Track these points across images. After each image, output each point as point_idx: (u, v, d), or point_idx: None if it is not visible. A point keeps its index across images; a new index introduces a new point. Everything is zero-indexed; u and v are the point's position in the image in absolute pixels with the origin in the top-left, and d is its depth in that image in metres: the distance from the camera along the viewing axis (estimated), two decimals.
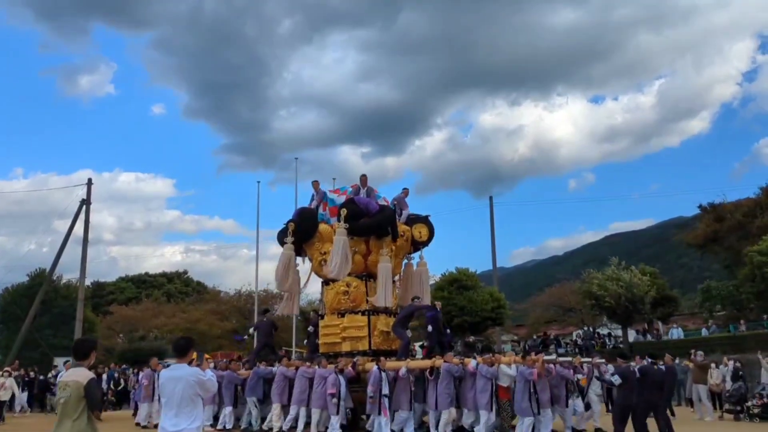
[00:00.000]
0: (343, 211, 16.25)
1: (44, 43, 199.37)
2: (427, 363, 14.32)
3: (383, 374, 14.08)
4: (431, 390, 13.91)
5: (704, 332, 37.58)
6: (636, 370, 12.39)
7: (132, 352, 37.27)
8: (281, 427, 15.11)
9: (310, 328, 18.10)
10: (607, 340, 40.05)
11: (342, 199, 17.40)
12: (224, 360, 20.74)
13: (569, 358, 15.66)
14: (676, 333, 37.18)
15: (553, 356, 15.08)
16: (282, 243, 17.52)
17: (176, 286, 60.39)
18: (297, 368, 15.39)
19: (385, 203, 17.44)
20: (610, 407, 15.63)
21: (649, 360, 13.64)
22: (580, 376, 15.15)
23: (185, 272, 66.06)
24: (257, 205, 36.23)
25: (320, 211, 17.72)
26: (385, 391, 13.98)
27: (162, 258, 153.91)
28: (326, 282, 17.12)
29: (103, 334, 41.95)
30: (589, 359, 16.44)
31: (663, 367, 13.72)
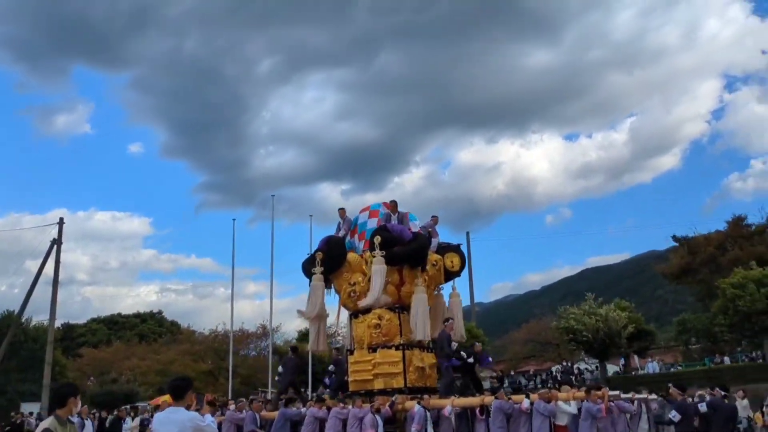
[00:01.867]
0: (377, 239, 15.01)
1: (21, 83, 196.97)
2: (476, 401, 13.22)
3: (428, 413, 12.85)
4: (481, 429, 12.78)
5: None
6: (705, 404, 11.31)
7: (103, 395, 35.82)
8: None
9: (332, 367, 16.79)
10: (586, 375, 39.87)
11: (374, 221, 16.28)
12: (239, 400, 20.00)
13: (618, 392, 14.05)
14: (651, 367, 37.19)
15: (617, 392, 13.74)
16: (308, 274, 16.20)
17: (149, 327, 58.37)
18: (329, 408, 14.02)
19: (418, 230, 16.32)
20: None
21: (722, 392, 12.52)
22: None
23: (159, 312, 64.32)
24: (233, 243, 35.52)
25: (347, 239, 16.58)
26: (430, 431, 12.75)
27: (137, 298, 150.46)
28: (355, 315, 15.90)
29: (74, 378, 40.24)
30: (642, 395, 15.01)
31: (735, 402, 12.82)
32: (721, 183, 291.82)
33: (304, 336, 45.71)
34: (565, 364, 40.18)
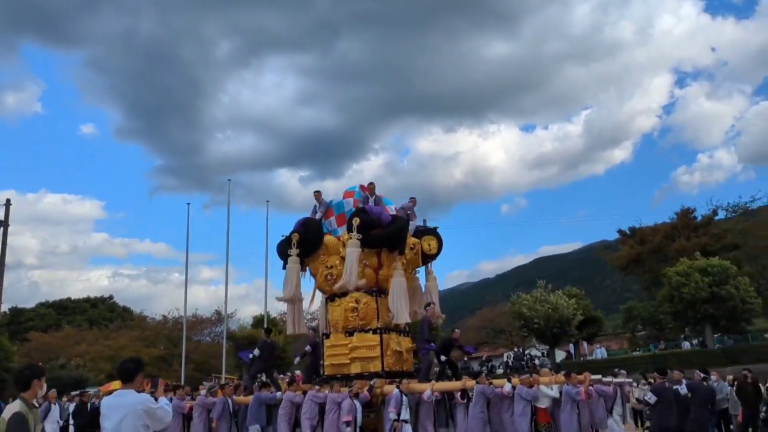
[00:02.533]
0: (356, 220, 14.64)
1: None
2: (457, 385, 12.94)
3: (405, 398, 12.57)
4: (460, 414, 12.48)
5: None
6: (684, 386, 11.57)
7: (51, 381, 34.90)
8: None
9: (308, 348, 16.27)
10: (537, 361, 40.70)
11: (350, 201, 15.89)
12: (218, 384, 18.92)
13: (600, 376, 14.22)
14: (599, 353, 38.17)
15: (599, 376, 13.89)
16: (282, 256, 15.75)
17: (100, 312, 57.09)
18: (305, 392, 13.69)
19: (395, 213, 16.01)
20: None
21: (701, 375, 12.72)
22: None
23: (110, 297, 62.93)
24: (187, 228, 34.83)
25: (324, 221, 16.17)
26: (405, 416, 12.44)
27: (88, 282, 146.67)
28: (331, 298, 15.56)
29: (20, 363, 39.18)
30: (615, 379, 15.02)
31: (714, 384, 12.90)
32: (670, 176, 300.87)
33: (258, 322, 45.32)
34: (516, 350, 40.89)
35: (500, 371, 35.69)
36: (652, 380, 15.04)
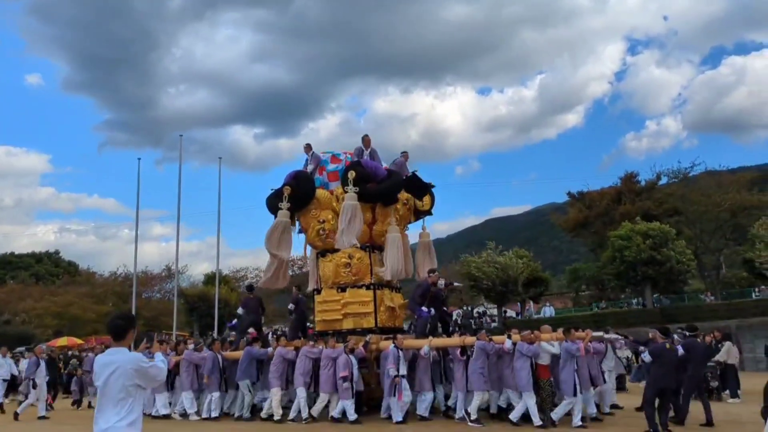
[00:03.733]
0: (351, 174, 14.07)
1: None
2: (456, 341, 12.66)
3: (401, 353, 12.40)
4: (458, 371, 12.28)
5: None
6: (681, 347, 11.52)
7: None
8: (282, 414, 13.02)
9: (291, 306, 15.84)
10: (485, 319, 41.72)
11: (339, 166, 15.28)
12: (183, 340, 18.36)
13: (601, 333, 14.15)
14: (548, 311, 39.28)
15: (600, 333, 13.86)
16: (272, 209, 15.11)
17: (46, 267, 55.39)
18: (296, 349, 13.37)
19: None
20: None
21: (688, 334, 12.75)
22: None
23: (56, 252, 61.30)
24: (138, 184, 33.99)
25: (316, 176, 15.57)
26: (403, 371, 12.26)
27: (33, 237, 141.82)
28: (322, 254, 15.07)
29: None
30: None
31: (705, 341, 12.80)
32: (619, 141, 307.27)
33: (210, 279, 45.03)
34: (465, 308, 41.78)
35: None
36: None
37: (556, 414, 11.48)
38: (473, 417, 11.75)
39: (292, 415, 12.99)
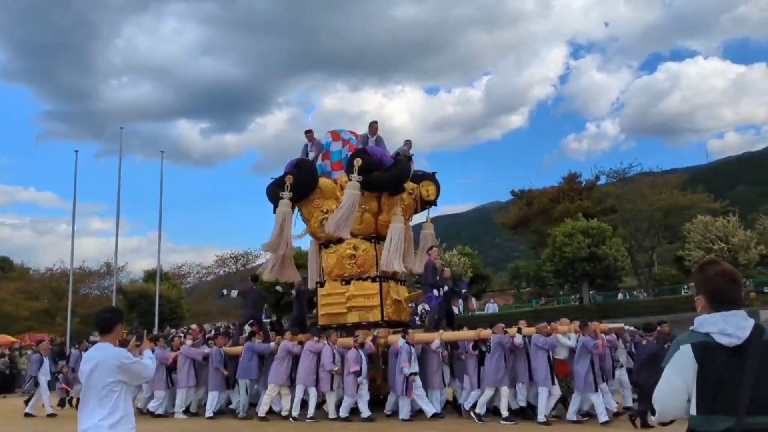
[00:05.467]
0: (357, 161, 13.24)
1: None
2: (471, 334, 12.02)
3: (413, 349, 11.74)
4: (471, 366, 11.71)
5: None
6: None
7: None
8: (290, 412, 12.22)
9: (293, 293, 15.06)
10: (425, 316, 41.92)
11: (346, 150, 14.45)
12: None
13: (622, 325, 13.46)
14: (492, 308, 39.79)
15: (621, 325, 13.26)
16: (272, 199, 14.27)
17: None
18: (300, 343, 12.61)
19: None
20: None
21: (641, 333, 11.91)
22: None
23: None
24: (75, 177, 32.66)
25: (318, 163, 14.76)
26: (415, 368, 11.62)
27: None
28: (325, 245, 14.27)
29: None
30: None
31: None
32: (560, 142, 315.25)
33: (150, 276, 43.76)
34: (410, 305, 41.98)
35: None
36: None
37: (572, 413, 10.87)
38: (504, 414, 11.10)
39: (294, 413, 12.22)
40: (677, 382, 2.63)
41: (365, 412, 11.71)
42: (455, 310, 13.93)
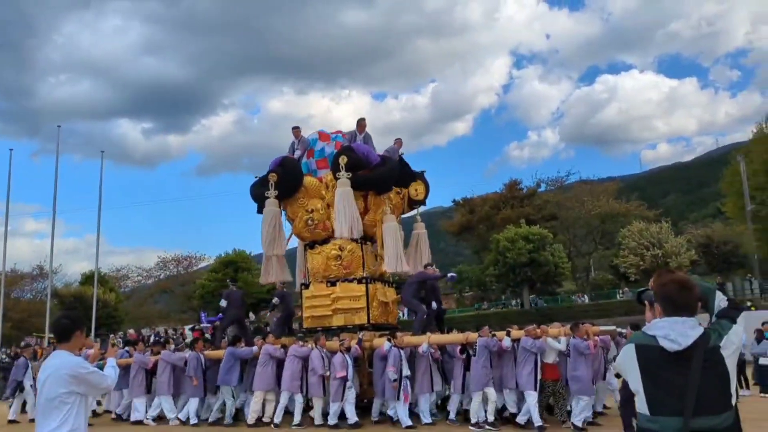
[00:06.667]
0: (343, 159, 12.78)
1: None
2: (459, 338, 11.64)
3: (401, 353, 11.29)
4: (457, 369, 11.35)
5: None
6: None
7: None
8: (272, 419, 11.73)
9: (276, 300, 14.47)
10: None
11: (332, 148, 13.94)
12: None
13: (614, 327, 13.11)
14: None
15: (612, 327, 12.95)
16: (256, 198, 13.70)
17: None
18: (284, 347, 12.12)
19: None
20: None
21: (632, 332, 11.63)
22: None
23: None
24: (9, 176, 31.19)
25: (304, 160, 14.21)
26: (406, 371, 11.19)
27: None
28: (311, 245, 13.74)
29: None
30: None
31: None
32: (503, 150, 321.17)
33: (88, 279, 42.11)
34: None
35: None
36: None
37: (578, 418, 10.43)
38: (491, 419, 10.71)
39: (277, 419, 11.71)
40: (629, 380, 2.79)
41: (352, 417, 11.27)
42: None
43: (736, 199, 41.06)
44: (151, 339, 25.47)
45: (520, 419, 10.71)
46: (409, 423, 11.00)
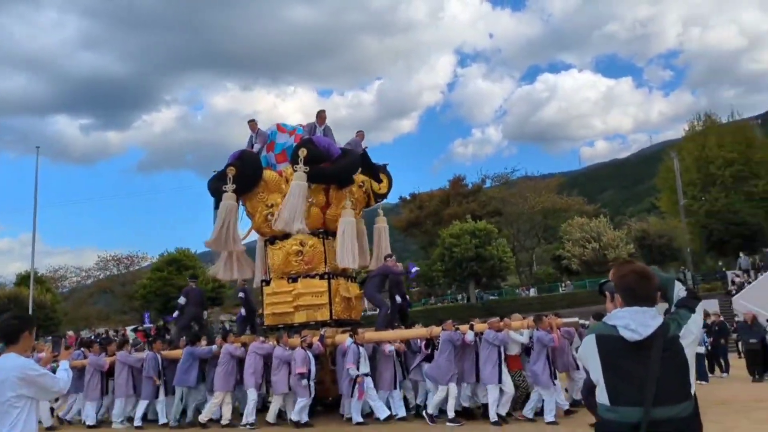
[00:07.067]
0: (302, 152, 12.39)
1: None
2: (423, 332, 11.46)
3: (361, 349, 11.05)
4: (424, 364, 11.15)
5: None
6: None
7: None
8: (230, 419, 11.40)
9: (241, 295, 14.19)
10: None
11: (291, 141, 13.57)
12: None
13: (576, 319, 12.55)
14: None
15: (575, 319, 12.36)
16: (214, 193, 13.26)
17: None
18: (244, 345, 11.77)
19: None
20: None
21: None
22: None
23: None
24: None
25: (263, 154, 13.81)
26: (365, 369, 10.95)
27: None
28: (271, 241, 13.38)
29: None
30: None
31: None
32: (448, 147, 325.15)
33: (23, 279, 40.44)
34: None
35: None
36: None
37: (528, 410, 10.49)
38: (450, 415, 10.51)
39: (245, 420, 11.32)
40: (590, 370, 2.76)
41: (303, 417, 11.02)
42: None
43: (669, 195, 42.73)
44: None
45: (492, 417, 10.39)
46: (360, 420, 10.87)
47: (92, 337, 23.00)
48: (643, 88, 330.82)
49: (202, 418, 11.66)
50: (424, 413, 11.01)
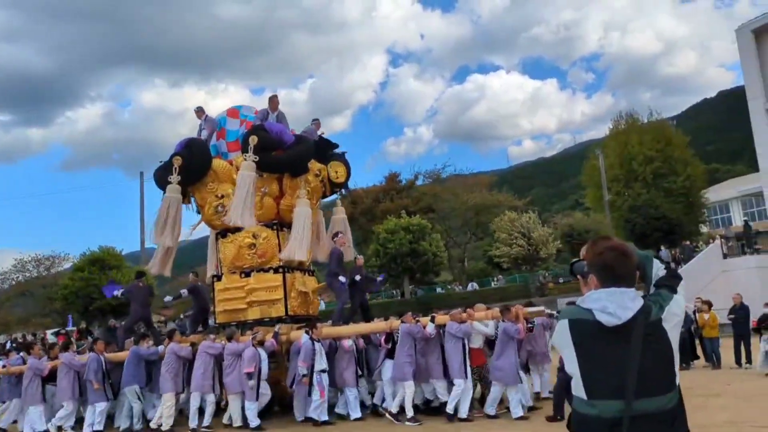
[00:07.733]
0: (253, 139, 11.65)
1: None
2: (381, 326, 10.96)
3: (317, 345, 10.43)
4: (384, 360, 10.66)
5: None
6: None
7: None
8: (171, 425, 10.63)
9: (183, 291, 13.41)
10: None
11: (243, 128, 12.73)
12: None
13: (542, 308, 12.30)
14: (321, 305, 39.74)
15: (541, 308, 12.05)
16: (161, 184, 12.40)
17: None
18: (192, 344, 11.06)
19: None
20: None
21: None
22: None
23: None
24: None
25: (212, 142, 12.96)
26: (322, 365, 10.36)
27: None
28: (222, 234, 12.57)
29: None
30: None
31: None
32: (381, 145, 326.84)
33: None
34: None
35: None
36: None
37: (491, 406, 10.08)
38: (409, 414, 10.00)
39: (191, 424, 10.62)
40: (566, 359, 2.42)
41: (253, 420, 10.35)
42: None
43: (595, 191, 44.09)
44: (7, 346, 23.05)
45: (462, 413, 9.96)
46: (325, 417, 10.43)
47: (7, 343, 21.51)
48: (567, 89, 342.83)
49: (155, 423, 10.95)
50: (382, 409, 10.63)
